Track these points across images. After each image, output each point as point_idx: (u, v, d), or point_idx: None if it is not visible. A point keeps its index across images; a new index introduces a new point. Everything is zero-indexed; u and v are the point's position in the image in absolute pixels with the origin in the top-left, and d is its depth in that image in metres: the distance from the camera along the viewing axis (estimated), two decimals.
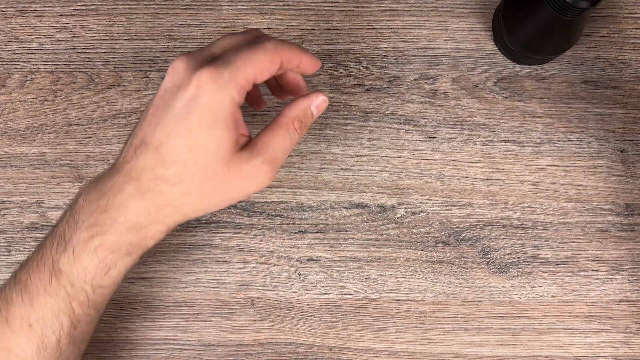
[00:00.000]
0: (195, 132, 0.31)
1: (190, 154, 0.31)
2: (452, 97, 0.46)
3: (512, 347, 0.43)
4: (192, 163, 0.31)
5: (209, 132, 0.31)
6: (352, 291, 0.43)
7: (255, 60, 0.31)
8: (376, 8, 0.47)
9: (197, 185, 0.31)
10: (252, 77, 0.31)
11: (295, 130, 0.33)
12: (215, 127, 0.31)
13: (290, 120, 0.33)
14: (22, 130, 0.45)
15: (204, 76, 0.30)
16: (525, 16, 0.41)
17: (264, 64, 0.31)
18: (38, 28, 0.47)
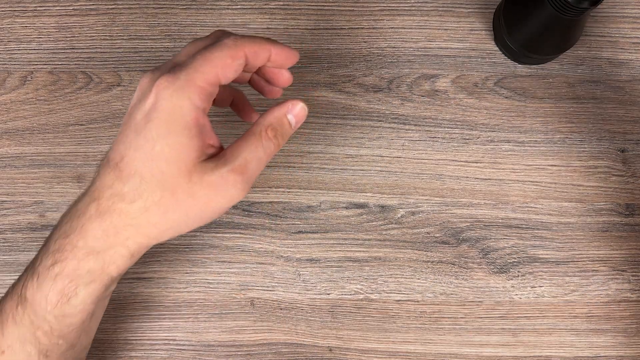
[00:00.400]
0: (153, 140, 0.28)
1: (147, 165, 0.28)
2: (452, 97, 0.46)
3: (512, 348, 0.43)
4: (150, 175, 0.28)
5: (167, 139, 0.28)
6: (352, 291, 0.43)
7: (213, 59, 0.29)
8: (376, 8, 0.47)
9: (156, 199, 0.29)
10: (213, 78, 0.29)
11: (269, 139, 0.31)
12: (174, 133, 0.28)
13: (263, 128, 0.31)
14: (21, 130, 0.45)
15: (161, 83, 0.28)
16: (525, 15, 0.41)
17: (223, 61, 0.29)
18: (38, 28, 0.46)
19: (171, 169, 0.29)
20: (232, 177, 0.29)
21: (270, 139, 0.31)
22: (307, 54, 0.46)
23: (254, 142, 0.30)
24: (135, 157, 0.29)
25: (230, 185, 0.29)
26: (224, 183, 0.29)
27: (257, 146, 0.30)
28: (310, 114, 0.45)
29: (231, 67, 0.30)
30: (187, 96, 0.28)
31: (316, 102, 0.46)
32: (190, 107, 0.28)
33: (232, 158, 0.30)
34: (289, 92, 0.46)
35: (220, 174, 0.29)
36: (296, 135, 0.45)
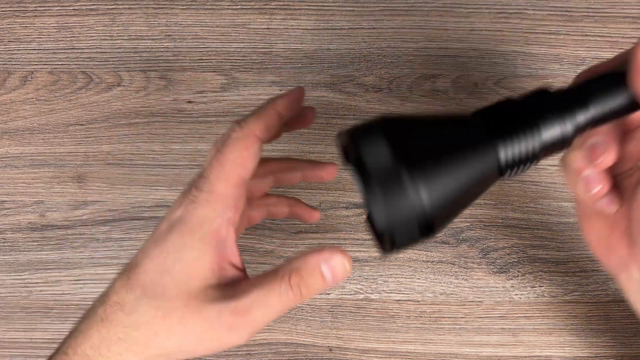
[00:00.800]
0: (167, 253, 0.26)
1: (154, 279, 0.26)
2: (452, 97, 0.46)
3: (512, 347, 0.43)
4: (152, 290, 0.26)
5: (181, 253, 0.26)
6: (352, 291, 0.43)
7: (227, 161, 0.27)
8: (376, 8, 0.47)
9: (149, 318, 0.26)
10: (235, 179, 0.27)
11: (289, 287, 0.26)
12: (188, 247, 0.26)
13: (287, 271, 0.26)
14: (21, 130, 0.45)
15: (188, 196, 0.27)
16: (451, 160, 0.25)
17: (240, 158, 0.27)
18: (38, 28, 0.46)
19: (174, 288, 0.26)
20: (230, 319, 0.25)
21: (290, 288, 0.26)
22: (307, 54, 0.46)
23: (271, 285, 0.26)
24: (147, 268, 0.27)
25: (226, 328, 0.26)
26: (219, 323, 0.26)
27: (272, 290, 0.26)
28: None
29: (250, 158, 0.28)
30: (212, 207, 0.27)
31: (316, 102, 0.46)
32: (213, 217, 0.26)
33: (239, 294, 0.26)
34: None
35: (219, 311, 0.25)
36: (296, 135, 0.45)
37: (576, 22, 0.46)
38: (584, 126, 0.25)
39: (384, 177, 0.23)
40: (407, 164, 0.23)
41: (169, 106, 0.45)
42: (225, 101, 0.46)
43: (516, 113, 0.25)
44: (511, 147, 0.25)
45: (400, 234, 0.24)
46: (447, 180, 0.24)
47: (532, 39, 0.46)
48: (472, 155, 0.24)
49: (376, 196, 0.23)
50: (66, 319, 0.43)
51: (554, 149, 0.26)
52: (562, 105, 0.25)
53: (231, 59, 0.46)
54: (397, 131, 0.24)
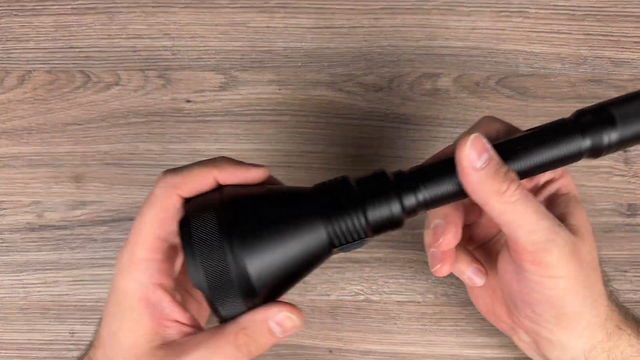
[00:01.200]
0: (110, 318, 0.27)
1: (109, 341, 0.27)
2: (453, 96, 0.45)
3: (514, 349, 0.42)
4: (111, 351, 0.27)
5: (118, 322, 0.27)
6: (353, 292, 0.43)
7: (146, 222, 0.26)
8: (377, 6, 0.46)
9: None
10: (154, 242, 0.26)
11: (237, 347, 0.25)
12: (121, 316, 0.27)
13: (236, 329, 0.26)
14: (19, 129, 0.45)
15: (116, 263, 0.27)
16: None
17: (156, 217, 0.26)
18: (36, 27, 0.46)
19: (122, 352, 0.27)
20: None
21: (237, 348, 0.25)
22: (307, 53, 0.46)
23: (217, 343, 0.26)
24: (103, 329, 0.28)
25: None
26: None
27: (218, 349, 0.25)
28: (310, 114, 0.45)
29: (167, 220, 0.27)
30: (133, 277, 0.26)
31: (316, 101, 0.45)
32: (135, 287, 0.26)
33: (186, 352, 0.25)
34: (289, 92, 0.45)
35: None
36: (296, 135, 0.45)
37: (578, 21, 0.46)
38: (414, 209, 0.28)
39: (207, 247, 0.25)
40: (231, 236, 0.25)
41: (167, 105, 0.45)
42: (225, 100, 0.45)
43: (348, 193, 0.27)
44: (338, 225, 0.26)
45: (220, 299, 0.25)
46: (273, 251, 0.26)
47: (534, 37, 0.46)
48: (300, 230, 0.26)
49: (196, 265, 0.25)
50: (64, 320, 0.43)
51: (385, 227, 0.27)
52: (391, 189, 0.27)
53: (230, 57, 0.46)
54: (231, 207, 0.26)
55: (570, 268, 0.27)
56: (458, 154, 0.26)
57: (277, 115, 0.45)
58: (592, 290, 0.28)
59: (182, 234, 0.26)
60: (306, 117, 0.45)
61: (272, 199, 0.28)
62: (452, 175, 0.27)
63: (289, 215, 0.27)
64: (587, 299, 0.28)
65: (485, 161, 0.26)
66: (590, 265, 0.28)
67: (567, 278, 0.27)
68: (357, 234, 0.27)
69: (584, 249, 0.28)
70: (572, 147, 0.27)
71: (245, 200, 0.27)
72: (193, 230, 0.25)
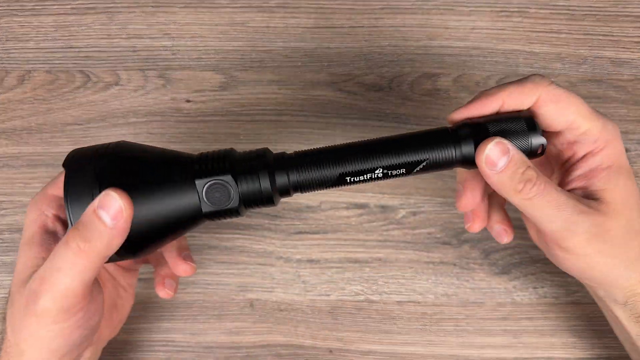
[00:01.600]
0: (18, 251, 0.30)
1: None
2: (453, 96, 0.45)
3: (514, 349, 0.42)
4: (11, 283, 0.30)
5: (21, 250, 0.30)
6: (353, 292, 0.43)
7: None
8: (377, 6, 0.46)
9: (9, 314, 0.29)
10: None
11: (68, 246, 0.26)
12: (21, 245, 0.30)
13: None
14: (19, 129, 0.45)
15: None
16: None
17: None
18: (35, 27, 0.46)
19: (14, 281, 0.29)
20: (32, 289, 0.27)
21: (69, 247, 0.26)
22: (307, 53, 0.46)
23: (56, 250, 0.27)
24: None
25: (31, 301, 0.27)
26: (29, 295, 0.27)
27: (55, 255, 0.27)
28: (310, 114, 0.45)
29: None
30: (37, 207, 0.30)
31: (316, 101, 0.45)
32: (36, 216, 0.30)
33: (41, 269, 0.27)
34: (289, 92, 0.45)
35: (29, 287, 0.27)
36: (296, 135, 0.45)
37: (578, 21, 0.46)
38: (286, 188, 0.30)
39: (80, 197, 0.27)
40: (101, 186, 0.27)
41: (167, 105, 0.45)
42: (224, 100, 0.45)
43: (224, 163, 0.29)
44: (211, 191, 0.29)
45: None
46: (142, 209, 0.27)
47: (534, 37, 0.46)
48: (172, 189, 0.28)
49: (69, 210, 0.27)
50: None
51: (256, 202, 0.30)
52: (266, 166, 0.29)
53: (230, 57, 0.46)
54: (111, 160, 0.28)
55: (593, 248, 0.29)
56: (478, 157, 0.28)
57: (277, 115, 0.45)
58: (623, 258, 0.30)
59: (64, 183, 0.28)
60: (306, 117, 0.45)
61: (152, 159, 0.29)
62: (327, 164, 0.30)
63: (164, 175, 0.29)
64: (617, 268, 0.30)
65: (502, 165, 0.28)
66: (621, 237, 0.30)
67: (589, 255, 0.30)
68: (230, 209, 0.29)
69: (614, 225, 0.29)
70: (446, 154, 0.29)
71: (125, 156, 0.29)
72: (69, 180, 0.27)
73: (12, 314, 0.29)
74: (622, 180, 0.30)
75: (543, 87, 0.30)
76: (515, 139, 0.29)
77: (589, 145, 0.30)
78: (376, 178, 0.31)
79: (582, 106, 0.30)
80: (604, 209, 0.29)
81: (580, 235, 0.29)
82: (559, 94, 0.29)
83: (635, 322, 0.32)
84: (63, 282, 0.26)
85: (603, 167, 0.30)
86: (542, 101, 0.30)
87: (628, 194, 0.30)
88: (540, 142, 0.29)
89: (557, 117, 0.30)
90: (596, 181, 0.30)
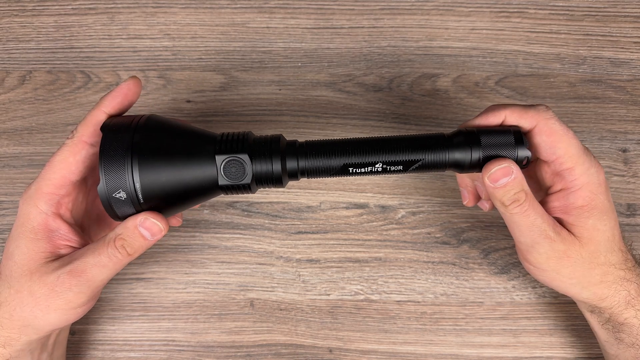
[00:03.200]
0: (9, 242, 0.32)
1: (5, 263, 0.32)
2: (453, 97, 0.45)
3: (513, 348, 0.42)
4: (4, 272, 0.32)
5: (16, 242, 0.32)
6: (353, 292, 0.43)
7: (55, 163, 0.32)
8: (377, 6, 0.46)
9: (6, 296, 0.32)
10: (59, 181, 0.32)
11: (115, 248, 0.31)
12: (21, 237, 0.32)
13: (113, 235, 0.31)
14: (20, 129, 0.45)
15: (22, 194, 0.33)
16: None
17: (65, 161, 0.32)
18: (36, 27, 0.46)
19: (17, 269, 0.32)
20: (68, 279, 0.31)
21: (116, 248, 0.31)
22: (307, 53, 0.46)
23: (100, 248, 0.31)
24: (4, 255, 0.33)
25: (66, 287, 0.31)
26: (60, 284, 0.31)
27: (101, 253, 0.31)
28: (310, 114, 0.45)
29: (75, 163, 0.32)
30: (34, 204, 0.32)
31: (316, 101, 0.45)
32: (36, 213, 0.32)
33: (72, 260, 0.31)
34: (289, 92, 0.45)
35: (57, 275, 0.31)
36: (296, 135, 0.45)
37: (577, 21, 0.46)
38: (294, 173, 0.33)
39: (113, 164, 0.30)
40: (134, 158, 0.30)
41: (167, 106, 0.45)
42: (225, 100, 0.45)
43: (242, 144, 0.32)
44: (227, 166, 0.31)
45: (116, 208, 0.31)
46: (166, 173, 0.31)
47: (534, 38, 0.46)
48: (193, 161, 0.31)
49: (103, 173, 0.30)
50: None
51: (266, 181, 0.32)
52: (279, 150, 0.32)
53: (230, 58, 0.46)
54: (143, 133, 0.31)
55: (550, 266, 0.34)
56: (485, 170, 0.32)
57: (277, 115, 0.45)
58: (581, 281, 0.34)
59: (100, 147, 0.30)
60: (306, 117, 0.45)
61: (180, 133, 0.32)
62: (333, 154, 0.32)
63: (189, 149, 0.32)
64: (574, 287, 0.35)
65: (501, 184, 0.32)
66: (581, 265, 0.34)
67: (547, 272, 0.35)
68: (243, 184, 0.32)
69: (574, 254, 0.33)
70: (440, 157, 0.32)
71: (156, 129, 0.31)
72: (105, 148, 0.30)
73: (15, 294, 0.32)
74: (592, 220, 0.33)
75: (542, 119, 0.32)
76: (504, 150, 0.32)
77: (566, 182, 0.33)
78: (376, 172, 0.33)
79: (572, 145, 0.33)
80: (569, 240, 0.33)
81: (541, 254, 0.34)
82: (554, 129, 0.32)
83: (603, 329, 0.37)
84: (101, 277, 0.31)
85: (576, 205, 0.33)
86: (538, 130, 0.32)
87: (595, 233, 0.33)
88: (525, 154, 0.32)
89: (547, 148, 0.33)
90: (569, 216, 0.34)
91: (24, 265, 0.31)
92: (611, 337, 0.36)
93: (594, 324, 0.37)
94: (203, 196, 0.33)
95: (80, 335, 0.42)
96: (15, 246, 0.32)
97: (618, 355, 0.37)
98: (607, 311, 0.35)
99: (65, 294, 0.31)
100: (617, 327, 0.36)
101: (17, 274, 0.31)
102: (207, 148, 0.32)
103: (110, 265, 0.31)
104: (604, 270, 0.34)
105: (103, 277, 0.32)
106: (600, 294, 0.35)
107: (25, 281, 0.31)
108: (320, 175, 0.33)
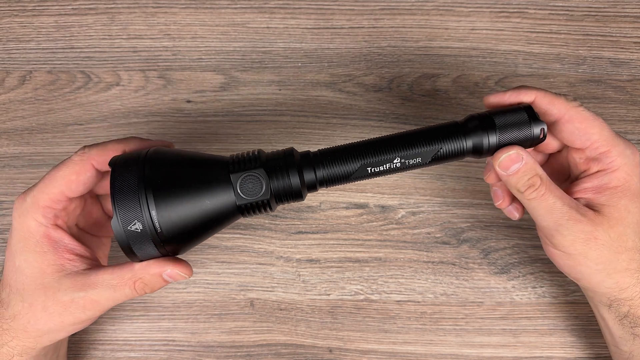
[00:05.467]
0: (13, 256, 0.32)
1: (13, 277, 0.32)
2: (453, 97, 0.45)
3: (513, 348, 0.42)
4: (15, 286, 0.32)
5: (23, 256, 0.32)
6: (353, 292, 0.43)
7: (57, 178, 0.32)
8: (377, 7, 0.46)
9: (19, 309, 0.32)
10: (58, 196, 0.32)
11: (134, 290, 0.32)
12: (28, 251, 0.31)
13: (135, 278, 0.31)
14: (20, 130, 0.45)
15: (15, 205, 0.32)
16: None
17: (67, 179, 0.32)
18: (36, 27, 0.46)
19: (31, 282, 0.31)
20: (82, 304, 0.31)
21: (135, 290, 0.32)
22: (307, 53, 0.46)
23: (117, 286, 0.32)
24: (7, 268, 0.32)
25: (79, 310, 0.32)
26: (73, 306, 0.31)
27: (117, 290, 0.32)
28: (310, 114, 0.45)
29: (77, 182, 0.32)
30: (33, 217, 0.31)
31: (316, 101, 0.45)
32: (36, 226, 0.31)
33: (89, 286, 0.31)
34: (289, 92, 0.45)
35: (72, 298, 0.31)
36: (296, 135, 0.45)
37: (577, 22, 0.46)
38: (313, 184, 0.32)
39: (126, 197, 0.29)
40: (147, 190, 0.29)
41: (168, 106, 0.45)
42: (225, 100, 0.45)
43: (256, 164, 0.31)
44: (245, 189, 0.31)
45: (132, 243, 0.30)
46: (183, 206, 0.30)
47: (533, 38, 0.46)
48: (210, 189, 0.30)
49: (116, 211, 0.29)
50: None
51: (286, 197, 0.32)
52: (295, 164, 0.31)
53: (230, 58, 0.46)
54: (150, 165, 0.30)
55: (577, 249, 0.33)
56: (494, 159, 0.32)
57: (277, 115, 0.45)
58: (607, 267, 0.33)
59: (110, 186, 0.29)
60: (306, 117, 0.45)
61: (189, 161, 0.32)
62: (349, 158, 0.32)
63: (202, 174, 0.31)
64: (599, 273, 0.34)
65: (513, 171, 0.32)
66: (609, 248, 0.33)
67: (574, 255, 0.33)
68: (263, 202, 0.31)
69: (602, 236, 0.33)
70: (457, 144, 0.32)
71: (165, 160, 0.31)
72: (116, 182, 0.29)
73: (29, 306, 0.32)
74: (624, 200, 0.33)
75: (571, 107, 0.33)
76: (519, 128, 0.32)
77: (603, 165, 0.33)
78: (395, 169, 0.33)
79: (605, 129, 0.33)
80: (597, 220, 0.33)
81: (566, 237, 0.33)
82: (585, 116, 0.33)
83: (619, 324, 0.36)
84: (112, 305, 0.32)
85: (610, 186, 0.33)
86: (569, 118, 0.33)
87: (626, 214, 0.33)
88: (541, 126, 0.32)
89: (580, 135, 0.33)
90: (600, 196, 0.33)
91: (36, 280, 0.31)
92: (627, 332, 0.35)
93: (609, 320, 0.36)
94: (222, 222, 0.32)
95: (81, 335, 0.42)
96: (23, 259, 0.32)
97: (632, 351, 0.36)
98: (627, 303, 0.34)
99: (77, 314, 0.32)
100: (634, 321, 0.35)
101: (31, 288, 0.31)
102: (220, 171, 0.31)
103: (120, 299, 0.32)
104: (630, 256, 0.33)
105: (110, 305, 0.32)
106: (622, 282, 0.34)
107: (39, 296, 0.31)
108: (339, 182, 0.32)
